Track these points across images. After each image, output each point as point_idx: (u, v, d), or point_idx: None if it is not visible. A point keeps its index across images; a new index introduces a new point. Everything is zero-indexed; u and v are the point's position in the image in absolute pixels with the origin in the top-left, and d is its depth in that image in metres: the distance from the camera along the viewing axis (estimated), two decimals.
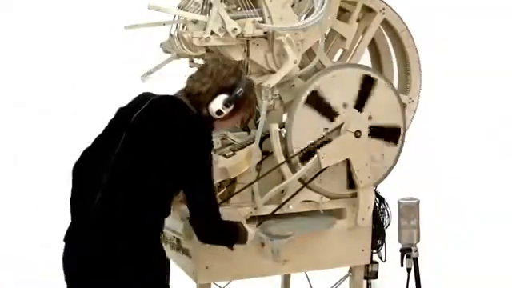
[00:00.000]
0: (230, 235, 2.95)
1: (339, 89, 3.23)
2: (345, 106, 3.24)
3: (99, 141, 2.87)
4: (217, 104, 2.84)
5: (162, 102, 2.84)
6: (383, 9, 3.42)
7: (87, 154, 2.88)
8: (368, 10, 3.44)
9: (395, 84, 3.57)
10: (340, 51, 3.52)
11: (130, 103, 2.90)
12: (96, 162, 2.81)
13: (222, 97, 2.85)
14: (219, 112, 2.85)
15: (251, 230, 3.04)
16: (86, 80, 5.96)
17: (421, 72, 3.53)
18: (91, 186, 2.76)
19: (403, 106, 3.46)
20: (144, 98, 2.87)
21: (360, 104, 3.26)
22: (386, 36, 3.56)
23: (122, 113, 2.88)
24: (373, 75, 3.29)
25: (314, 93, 3.19)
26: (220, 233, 2.90)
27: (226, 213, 3.10)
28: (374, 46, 3.59)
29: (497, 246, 5.42)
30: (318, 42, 3.27)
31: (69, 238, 2.80)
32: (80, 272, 2.75)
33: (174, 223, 3.26)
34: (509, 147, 6.18)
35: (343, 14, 3.43)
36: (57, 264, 2.85)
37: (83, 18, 5.92)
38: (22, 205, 5.73)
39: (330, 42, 3.45)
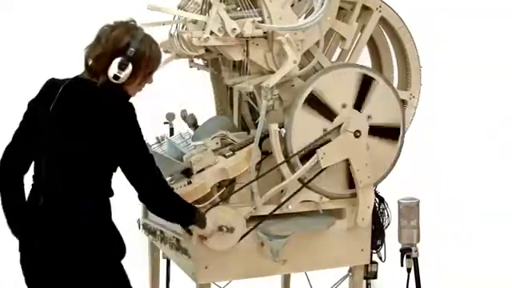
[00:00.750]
0: (184, 207, 2.90)
1: (338, 89, 3.23)
2: (344, 106, 3.23)
3: (20, 137, 2.86)
4: (112, 69, 2.75)
5: (73, 88, 2.78)
6: (380, 6, 3.42)
7: (11, 150, 2.87)
8: (365, 9, 3.44)
9: (395, 81, 3.58)
10: (338, 50, 3.52)
11: (39, 94, 2.86)
12: (24, 158, 2.82)
13: (117, 60, 2.75)
14: (116, 77, 2.75)
15: (207, 216, 3.01)
16: None
17: (420, 67, 3.53)
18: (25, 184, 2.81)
19: (403, 104, 3.47)
20: (53, 86, 2.83)
21: (359, 104, 3.25)
22: (385, 34, 3.56)
23: (35, 105, 2.84)
24: (371, 74, 3.29)
25: (313, 94, 3.19)
26: (172, 200, 2.85)
27: (226, 212, 3.10)
28: (373, 45, 3.59)
29: (497, 246, 5.42)
30: (316, 42, 3.27)
31: (22, 246, 2.82)
32: (37, 271, 2.76)
33: (174, 223, 3.26)
34: (509, 147, 6.18)
35: (339, 12, 3.41)
36: None
37: (83, 18, 5.92)
38: None
39: (328, 41, 3.44)
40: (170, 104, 3.73)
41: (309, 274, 3.64)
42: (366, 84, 3.26)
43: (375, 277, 3.54)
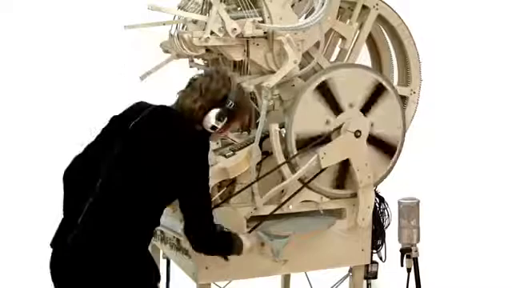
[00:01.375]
0: (224, 247, 2.93)
1: (351, 87, 3.23)
2: (351, 105, 3.23)
3: (91, 148, 2.87)
4: (210, 120, 2.82)
5: (161, 113, 2.83)
6: (377, 4, 3.42)
7: (79, 161, 2.88)
8: (362, 7, 3.44)
9: (395, 78, 3.58)
10: (337, 49, 3.52)
11: (125, 112, 2.89)
12: (89, 171, 2.81)
13: (215, 111, 2.82)
14: (213, 127, 2.83)
15: (247, 241, 3.01)
16: (85, 80, 5.96)
17: (420, 63, 3.53)
18: (82, 195, 2.77)
19: (403, 100, 3.49)
20: (140, 107, 2.86)
21: (366, 108, 3.26)
22: (384, 32, 3.56)
23: (116, 121, 2.87)
24: (386, 85, 3.30)
25: (326, 82, 3.19)
26: (214, 246, 2.89)
27: (226, 212, 3.10)
28: (372, 43, 3.59)
29: (497, 246, 5.42)
30: (315, 43, 3.27)
31: (55, 243, 2.80)
32: (67, 281, 2.74)
33: (174, 223, 3.26)
34: (509, 147, 6.18)
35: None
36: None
37: (83, 18, 5.92)
38: (22, 205, 5.73)
39: (326, 40, 3.44)
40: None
41: (309, 274, 3.64)
42: (378, 92, 3.28)
43: (375, 277, 3.54)
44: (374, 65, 3.62)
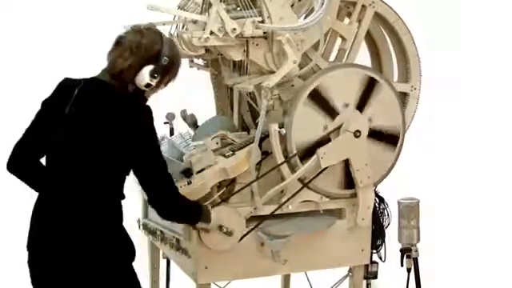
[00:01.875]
0: (192, 209, 2.93)
1: (342, 88, 3.23)
2: (346, 105, 3.23)
3: (31, 134, 2.85)
4: (144, 77, 2.76)
5: (91, 90, 2.77)
6: (373, 2, 3.42)
7: (21, 149, 2.87)
8: (355, 5, 3.43)
9: (395, 75, 3.58)
10: (336, 48, 3.52)
11: (53, 94, 2.85)
12: (34, 152, 2.82)
13: (148, 69, 2.76)
14: (148, 85, 2.77)
15: (213, 211, 3.01)
16: None
17: (419, 58, 3.53)
18: (40, 183, 2.80)
19: (404, 97, 3.49)
20: (68, 85, 2.82)
21: (361, 105, 3.25)
22: (382, 30, 3.56)
23: (49, 105, 2.83)
24: (377, 77, 3.29)
25: (317, 89, 3.18)
26: (182, 208, 2.88)
27: (226, 211, 3.10)
28: (371, 41, 3.59)
29: (497, 246, 5.42)
30: (314, 44, 3.27)
31: (31, 244, 2.80)
32: (48, 271, 2.75)
33: (174, 223, 3.26)
34: (509, 147, 6.18)
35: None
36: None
37: (83, 18, 5.92)
38: (22, 206, 5.72)
39: (325, 40, 3.44)
40: (170, 104, 3.73)
41: (309, 274, 3.64)
42: (370, 86, 3.26)
43: (375, 277, 3.54)
44: (374, 63, 3.62)
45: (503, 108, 6.30)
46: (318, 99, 3.19)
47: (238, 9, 3.23)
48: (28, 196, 2.93)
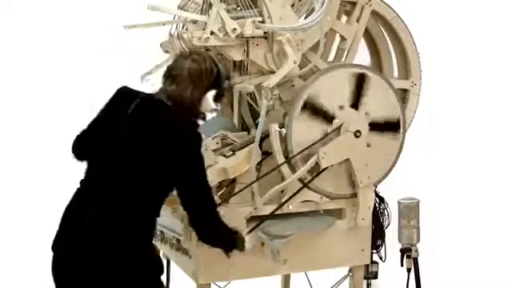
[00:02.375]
0: (229, 236, 2.94)
1: (332, 92, 3.22)
2: (341, 107, 3.23)
3: (93, 131, 2.85)
4: (209, 103, 2.81)
5: (148, 108, 2.78)
6: (369, 0, 3.41)
7: (88, 137, 2.86)
8: (353, 4, 3.43)
9: (395, 72, 3.58)
10: (334, 48, 3.52)
11: (114, 100, 2.83)
12: (94, 158, 2.82)
13: (212, 94, 2.81)
14: (214, 110, 2.84)
15: (248, 239, 3.03)
16: (85, 80, 5.96)
17: (418, 54, 3.52)
18: (89, 186, 2.79)
19: (405, 93, 3.50)
20: (127, 96, 2.81)
21: (355, 102, 3.25)
22: (381, 28, 3.56)
23: (109, 110, 2.83)
24: (363, 71, 3.28)
25: (308, 100, 3.18)
26: (221, 232, 2.90)
27: (226, 212, 3.10)
28: (370, 39, 3.60)
29: (497, 246, 5.42)
30: (313, 45, 3.27)
31: (57, 245, 2.79)
32: (72, 280, 2.74)
33: (174, 223, 3.26)
34: (509, 147, 6.17)
35: None
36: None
37: (83, 18, 5.92)
38: (23, 207, 5.73)
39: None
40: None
41: (309, 274, 3.64)
42: (359, 82, 3.26)
43: (376, 277, 3.54)
44: (374, 61, 3.62)
45: (503, 108, 6.29)
46: (312, 110, 3.19)
47: (239, 9, 3.24)
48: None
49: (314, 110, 3.19)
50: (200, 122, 2.91)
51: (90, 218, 2.71)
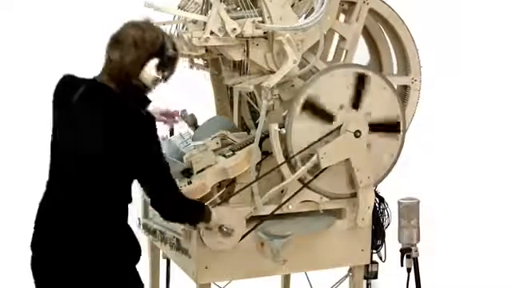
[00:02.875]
0: (194, 209, 2.94)
1: (332, 92, 3.22)
2: (341, 107, 3.23)
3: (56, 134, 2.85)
4: (151, 72, 2.74)
5: (92, 95, 2.74)
6: None
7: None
8: (351, 4, 3.43)
9: (395, 69, 3.58)
10: (333, 47, 3.52)
11: (59, 91, 2.82)
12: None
13: (154, 62, 2.74)
14: (155, 80, 2.76)
15: (213, 211, 3.02)
16: None
17: (417, 50, 3.52)
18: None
19: (405, 90, 3.50)
20: (70, 85, 2.79)
21: (356, 102, 3.25)
22: (379, 25, 3.56)
23: (56, 104, 2.82)
24: (363, 71, 3.28)
25: (308, 100, 3.18)
26: (184, 209, 2.89)
27: (226, 212, 3.11)
28: (370, 39, 3.59)
29: (497, 246, 5.42)
30: (311, 46, 3.27)
31: (35, 244, 2.81)
32: (52, 277, 2.76)
33: (174, 223, 3.26)
34: (509, 147, 6.18)
35: None
36: None
37: (83, 18, 5.92)
38: (23, 207, 5.72)
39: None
40: (170, 104, 3.73)
41: (309, 274, 3.64)
42: (359, 82, 3.25)
43: (376, 277, 3.54)
44: (373, 59, 3.61)
45: (503, 108, 6.29)
46: (312, 110, 3.19)
47: (238, 9, 3.23)
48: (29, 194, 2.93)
49: (315, 109, 3.19)
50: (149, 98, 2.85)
51: (62, 215, 2.73)
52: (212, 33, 3.11)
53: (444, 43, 6.03)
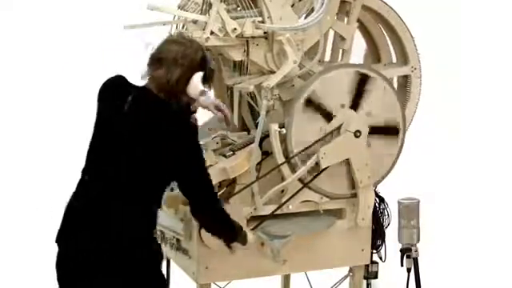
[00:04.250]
0: (232, 226, 2.94)
1: (334, 90, 3.22)
2: (342, 106, 3.23)
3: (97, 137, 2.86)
4: (197, 85, 2.78)
5: (144, 99, 2.78)
6: None
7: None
8: (341, 2, 3.41)
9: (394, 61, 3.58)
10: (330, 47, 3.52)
11: (109, 88, 2.84)
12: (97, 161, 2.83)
13: (199, 75, 2.78)
14: (203, 92, 2.80)
15: (250, 234, 3.05)
16: (85, 79, 5.95)
17: (413, 38, 3.51)
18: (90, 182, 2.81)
19: (403, 82, 3.51)
20: (122, 86, 2.82)
21: (356, 103, 3.25)
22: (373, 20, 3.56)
23: (106, 101, 2.83)
24: (367, 72, 3.28)
25: (310, 97, 3.18)
26: (223, 220, 2.90)
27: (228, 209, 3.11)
28: (368, 36, 3.59)
29: (497, 246, 5.42)
30: (309, 49, 3.27)
31: (61, 239, 2.81)
32: (76, 271, 2.75)
33: (174, 223, 3.26)
34: (509, 147, 6.17)
35: None
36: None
37: (83, 18, 5.92)
38: (22, 207, 5.73)
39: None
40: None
41: (309, 274, 3.64)
42: (362, 82, 3.26)
43: (376, 277, 3.54)
44: (371, 51, 3.60)
45: (503, 108, 6.29)
46: (314, 107, 3.19)
47: (239, 9, 3.23)
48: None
49: (315, 109, 3.19)
50: (194, 110, 2.90)
51: (95, 210, 2.73)
52: (212, 33, 3.11)
53: (444, 43, 6.02)
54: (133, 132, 2.74)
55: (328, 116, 3.22)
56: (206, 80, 2.81)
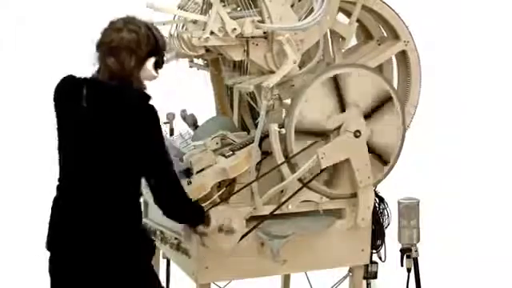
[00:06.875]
0: (195, 212, 2.93)
1: (360, 88, 3.23)
2: (356, 106, 3.22)
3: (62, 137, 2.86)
4: (151, 72, 2.80)
5: (99, 90, 2.77)
6: None
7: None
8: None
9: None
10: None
11: (61, 90, 2.85)
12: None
13: (151, 62, 2.79)
14: (154, 77, 2.81)
15: (212, 214, 3.01)
16: None
17: (397, 14, 3.45)
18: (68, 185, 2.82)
19: (401, 59, 3.50)
20: (74, 84, 2.82)
21: (369, 114, 3.25)
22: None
23: (62, 102, 2.83)
24: (394, 96, 3.29)
25: (337, 78, 3.18)
26: (187, 208, 2.89)
27: (226, 212, 3.10)
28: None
29: (497, 246, 5.42)
30: (307, 50, 3.27)
31: (52, 245, 2.82)
32: (71, 276, 2.77)
33: (174, 223, 3.26)
34: (509, 147, 6.18)
35: None
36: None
37: (82, 18, 5.92)
38: (22, 207, 5.73)
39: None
40: (169, 104, 3.73)
41: (309, 274, 3.64)
42: (384, 101, 3.27)
43: (375, 277, 3.54)
44: (361, 29, 3.58)
45: (503, 108, 6.30)
46: (333, 88, 3.18)
47: (238, 9, 3.23)
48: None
49: (336, 89, 3.19)
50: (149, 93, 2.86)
51: (80, 213, 2.74)
52: (212, 33, 3.11)
53: (444, 43, 6.03)
54: (96, 123, 2.72)
55: (340, 104, 3.20)
56: (158, 65, 2.81)
